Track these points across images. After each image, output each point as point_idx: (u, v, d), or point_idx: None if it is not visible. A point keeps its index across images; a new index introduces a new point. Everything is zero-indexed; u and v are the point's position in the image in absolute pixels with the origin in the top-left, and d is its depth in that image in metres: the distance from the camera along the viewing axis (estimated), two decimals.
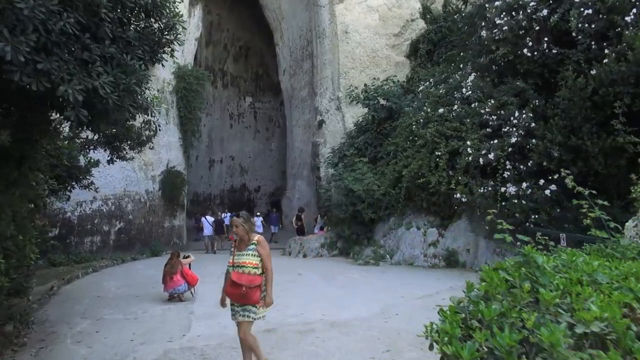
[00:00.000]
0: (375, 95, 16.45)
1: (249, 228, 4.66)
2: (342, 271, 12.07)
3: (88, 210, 15.67)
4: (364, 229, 15.02)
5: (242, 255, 4.59)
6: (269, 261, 4.67)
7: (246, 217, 4.72)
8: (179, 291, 9.01)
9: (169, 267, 9.28)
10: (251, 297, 4.52)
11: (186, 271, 9.34)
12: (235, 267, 4.58)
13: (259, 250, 4.58)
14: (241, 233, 4.60)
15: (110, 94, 3.75)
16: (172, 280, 9.05)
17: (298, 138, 28.95)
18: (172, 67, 21.22)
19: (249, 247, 4.59)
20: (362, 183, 14.62)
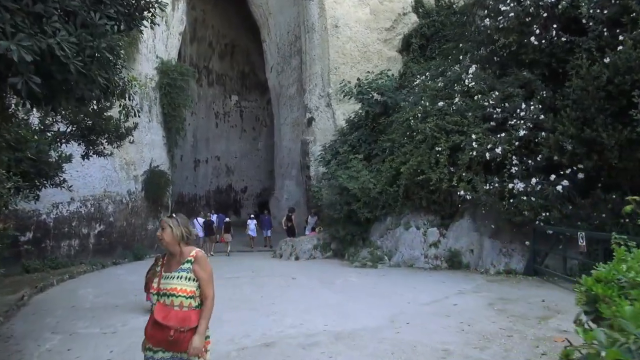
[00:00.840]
0: (369, 89, 15.74)
1: (180, 236, 3.11)
2: (339, 274, 11.32)
3: (65, 212, 14.66)
4: (360, 229, 14.28)
5: (171, 279, 3.09)
6: (211, 287, 3.14)
7: (182, 221, 3.20)
8: None
9: (152, 273, 8.36)
10: (185, 343, 3.00)
11: None
12: (161, 297, 3.09)
13: (197, 272, 3.08)
14: (168, 240, 3.09)
15: (72, 59, 2.93)
16: None
17: (286, 137, 28.16)
18: (155, 62, 20.30)
19: (183, 265, 3.10)
20: (357, 181, 13.89)
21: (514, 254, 10.60)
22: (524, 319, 6.54)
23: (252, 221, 21.45)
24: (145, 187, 18.88)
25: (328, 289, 9.46)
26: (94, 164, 15.92)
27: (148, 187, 18.95)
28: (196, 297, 3.09)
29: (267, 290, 9.46)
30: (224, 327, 6.66)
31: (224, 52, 37.41)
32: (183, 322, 2.99)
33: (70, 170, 15.06)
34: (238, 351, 5.69)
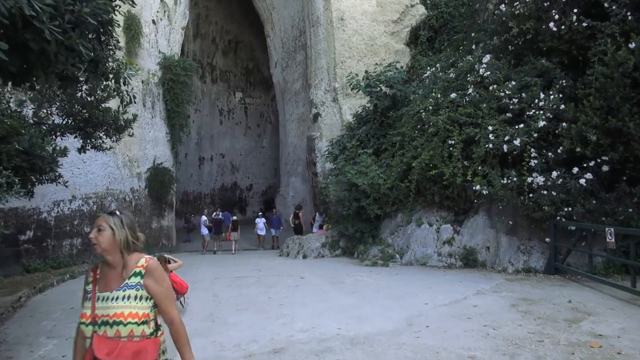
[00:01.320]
0: (377, 82, 15.25)
1: (125, 241, 2.35)
2: (350, 273, 10.87)
3: (66, 210, 14.29)
4: (369, 227, 13.83)
5: (114, 300, 2.31)
6: (173, 306, 2.46)
7: (128, 220, 2.42)
8: None
9: None
10: None
11: (173, 278, 7.99)
12: (100, 326, 2.31)
13: (151, 288, 2.35)
14: (106, 247, 2.33)
15: (48, 24, 2.48)
16: None
17: (292, 133, 27.73)
18: (158, 58, 19.90)
19: (129, 280, 2.35)
20: (366, 177, 13.43)
21: (533, 251, 10.11)
22: (553, 322, 6.06)
23: (260, 220, 20.84)
24: (148, 184, 18.51)
25: (339, 289, 9.01)
26: (96, 161, 15.58)
27: (151, 185, 18.58)
28: (150, 321, 2.34)
29: (275, 291, 9.02)
30: (229, 331, 6.25)
31: (228, 48, 36.99)
32: (137, 357, 2.26)
33: (71, 167, 14.75)
34: (245, 358, 5.26)
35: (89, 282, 2.44)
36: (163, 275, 2.43)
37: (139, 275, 2.37)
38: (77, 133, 7.36)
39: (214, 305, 7.97)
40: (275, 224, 20.53)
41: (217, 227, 19.18)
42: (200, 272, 11.96)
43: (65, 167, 14.44)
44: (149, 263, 2.40)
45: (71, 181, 14.58)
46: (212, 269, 12.69)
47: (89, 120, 6.98)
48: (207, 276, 11.26)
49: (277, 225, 20.50)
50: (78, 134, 7.37)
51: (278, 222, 20.67)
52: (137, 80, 18.05)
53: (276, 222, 20.64)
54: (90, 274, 2.47)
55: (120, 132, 7.90)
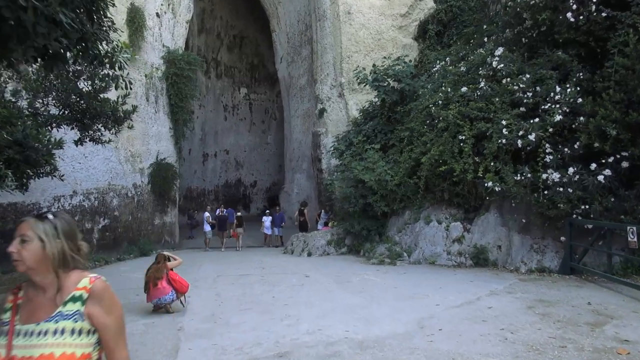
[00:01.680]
0: (385, 76, 14.87)
1: (58, 256, 1.74)
2: (356, 272, 10.54)
3: (67, 205, 14.02)
4: (376, 224, 13.49)
5: (38, 336, 1.67)
6: (123, 345, 1.85)
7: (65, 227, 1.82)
8: (165, 301, 7.34)
9: (152, 272, 7.54)
10: None
11: (173, 276, 7.62)
12: None
13: (96, 318, 1.74)
14: (32, 264, 1.71)
15: None
16: (156, 288, 7.34)
17: (297, 129, 27.39)
18: (162, 51, 19.59)
19: (63, 308, 1.72)
20: (373, 173, 13.09)
21: (547, 250, 9.74)
22: (574, 326, 5.71)
23: (268, 218, 19.97)
24: (151, 180, 18.24)
25: (345, 288, 8.68)
26: (97, 155, 15.31)
27: (154, 181, 18.31)
28: None
29: (279, 290, 8.71)
30: (231, 333, 5.94)
31: (233, 43, 36.66)
32: None
33: (72, 162, 14.49)
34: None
35: (7, 309, 1.76)
36: (113, 301, 1.81)
37: (79, 300, 1.73)
38: (73, 124, 7.05)
39: (215, 304, 7.66)
40: (278, 222, 19.58)
41: (222, 223, 18.85)
42: (202, 269, 11.67)
43: (66, 161, 14.23)
44: (94, 284, 1.76)
45: (72, 176, 14.34)
46: (215, 266, 12.39)
47: (86, 111, 6.67)
48: (210, 274, 10.96)
49: (279, 223, 19.58)
50: (75, 125, 7.06)
51: (281, 220, 19.71)
52: (138, 72, 17.79)
53: (279, 220, 19.66)
54: (9, 297, 1.80)
55: (119, 124, 7.58)
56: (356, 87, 20.81)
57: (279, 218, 19.71)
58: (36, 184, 13.33)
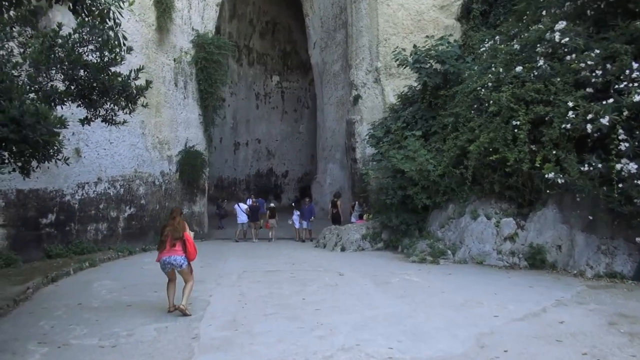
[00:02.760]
0: (427, 57, 13.66)
1: None
2: (395, 271, 9.52)
3: (92, 193, 13.49)
4: (416, 218, 12.40)
5: None
6: None
7: None
8: (175, 265, 6.63)
9: (170, 229, 6.79)
10: None
11: (188, 237, 6.87)
12: None
13: None
14: None
15: None
16: (173, 248, 6.65)
17: (330, 117, 26.38)
18: (191, 35, 18.87)
19: None
20: (413, 162, 11.97)
21: (617, 252, 8.46)
22: None
23: (295, 212, 18.47)
24: (179, 168, 17.62)
25: (385, 291, 7.68)
26: (123, 141, 14.73)
27: (183, 169, 17.68)
28: None
29: (311, 291, 7.79)
30: (254, 346, 5.05)
31: (265, 30, 35.81)
32: None
33: (97, 148, 13.94)
34: None
35: None
36: None
37: None
38: (79, 101, 6.29)
39: (238, 307, 6.80)
40: (307, 215, 17.85)
41: (255, 214, 18.24)
42: (228, 263, 10.88)
43: (91, 147, 13.70)
44: None
45: (97, 162, 13.80)
46: (242, 260, 11.61)
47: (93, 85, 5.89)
48: (235, 269, 10.15)
49: (308, 217, 17.81)
50: (81, 102, 6.30)
51: (310, 213, 17.95)
52: (166, 56, 17.12)
53: (308, 213, 17.90)
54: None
55: (131, 101, 6.77)
56: (393, 71, 19.64)
57: (308, 211, 18.05)
58: (59, 170, 12.85)
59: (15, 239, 11.29)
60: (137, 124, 15.30)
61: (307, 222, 17.71)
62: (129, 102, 6.72)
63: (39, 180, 11.94)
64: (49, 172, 12.22)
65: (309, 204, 18.27)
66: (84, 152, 13.33)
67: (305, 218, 17.64)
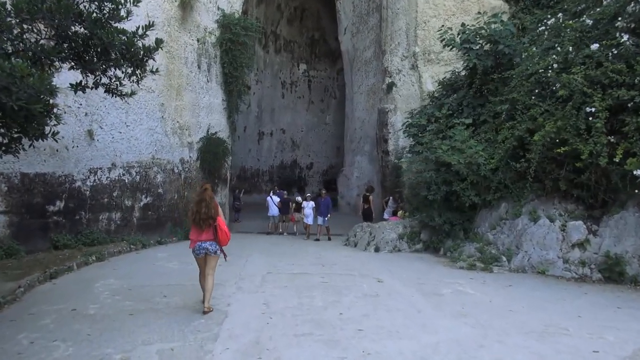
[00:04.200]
0: (477, 37, 12.12)
1: None
2: (443, 279, 8.16)
3: (104, 179, 12.44)
4: (461, 217, 10.97)
5: None
6: None
7: None
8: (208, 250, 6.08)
9: (204, 209, 6.11)
10: None
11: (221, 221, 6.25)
12: None
13: None
14: None
15: None
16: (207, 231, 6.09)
17: (359, 107, 24.98)
18: (216, 15, 17.67)
19: None
20: (461, 154, 10.53)
21: None
22: None
23: (308, 204, 16.20)
24: (200, 155, 16.49)
25: (438, 306, 6.33)
26: (141, 125, 13.65)
27: (204, 156, 16.55)
28: None
29: (348, 302, 6.50)
30: None
31: (293, 16, 34.49)
32: None
33: (111, 130, 12.85)
34: None
35: None
36: None
37: None
38: (72, 62, 5.08)
39: (262, 321, 5.55)
40: (324, 210, 15.51)
41: (285, 207, 17.28)
42: (250, 262, 9.67)
43: (105, 129, 12.64)
44: None
45: (111, 147, 12.74)
46: (265, 259, 10.38)
47: (89, 43, 4.69)
48: (258, 269, 8.93)
49: (325, 212, 15.49)
50: (74, 63, 5.09)
51: (327, 207, 15.58)
52: (190, 35, 15.97)
53: (324, 207, 15.54)
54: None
55: (137, 65, 5.54)
56: (432, 57, 18.15)
57: (325, 205, 15.59)
58: (69, 154, 11.83)
59: (19, 227, 10.30)
60: (156, 106, 14.22)
61: (323, 217, 15.48)
62: (135, 67, 5.49)
63: (47, 164, 10.93)
64: (58, 154, 11.21)
65: (325, 197, 16.05)
66: (98, 134, 12.28)
67: (322, 213, 15.45)
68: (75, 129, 11.61)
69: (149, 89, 13.82)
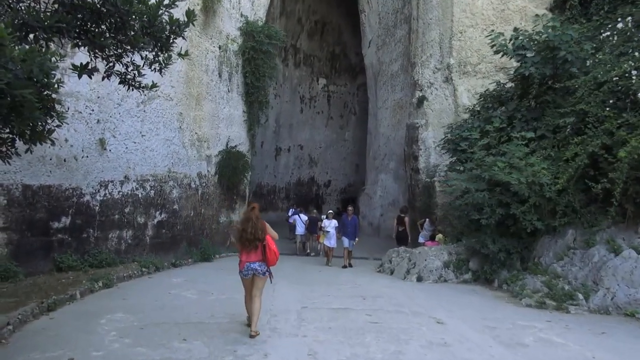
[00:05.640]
0: (533, 42, 10.86)
1: None
2: (515, 321, 6.77)
3: (116, 193, 11.28)
4: (519, 245, 9.58)
5: None
6: None
7: None
8: (259, 269, 5.94)
9: (251, 228, 5.86)
10: None
11: (270, 241, 6.09)
12: None
13: None
14: None
15: None
16: (255, 252, 5.91)
17: (384, 123, 23.77)
18: (239, 21, 16.70)
19: None
20: (520, 173, 9.20)
21: None
22: None
23: (330, 222, 14.10)
24: (219, 170, 15.33)
25: None
26: (157, 135, 12.52)
27: (222, 171, 15.38)
28: None
29: (414, 355, 5.16)
30: None
31: (314, 29, 33.60)
32: None
33: (125, 140, 11.70)
34: None
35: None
36: None
37: None
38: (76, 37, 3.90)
39: None
40: (351, 230, 13.33)
41: (313, 225, 16.35)
42: (278, 294, 8.32)
43: (118, 138, 11.48)
44: None
45: (124, 157, 11.59)
46: (295, 288, 9.06)
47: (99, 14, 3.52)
48: (290, 302, 7.62)
49: (353, 234, 13.34)
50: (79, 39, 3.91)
51: (354, 228, 13.46)
52: (211, 42, 14.95)
53: (352, 227, 13.39)
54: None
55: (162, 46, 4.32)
56: (469, 69, 16.93)
57: (352, 226, 13.46)
58: (78, 164, 10.70)
59: (18, 246, 9.10)
60: (174, 116, 13.11)
61: (349, 240, 13.29)
62: (159, 48, 4.27)
63: (53, 175, 9.78)
64: (65, 165, 10.07)
65: (351, 216, 13.82)
66: (110, 144, 11.14)
67: (349, 235, 13.29)
68: (86, 137, 10.48)
69: (167, 96, 12.76)
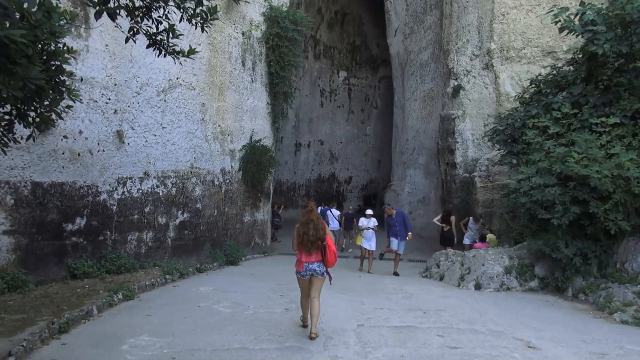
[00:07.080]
0: (606, 17, 9.53)
1: None
2: (622, 344, 5.53)
3: (135, 191, 10.23)
4: (597, 248, 8.31)
5: None
6: None
7: None
8: (318, 270, 5.64)
9: (313, 230, 5.64)
10: None
11: (330, 242, 5.78)
12: None
13: None
14: None
15: None
16: (315, 252, 5.67)
17: (413, 115, 22.50)
18: (263, 6, 15.54)
19: None
20: (599, 165, 7.92)
21: None
22: None
23: (369, 221, 12.19)
24: (243, 165, 14.23)
25: None
26: (179, 127, 11.44)
27: (247, 167, 14.28)
28: None
29: None
30: None
31: (334, 20, 32.32)
32: None
33: (144, 132, 10.64)
34: None
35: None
36: None
37: None
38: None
39: None
40: (401, 228, 11.42)
41: (349, 222, 16.31)
42: (326, 305, 7.10)
43: (137, 131, 10.41)
44: None
45: (144, 152, 10.53)
46: (341, 297, 7.89)
47: None
48: (344, 320, 6.45)
49: (403, 233, 11.44)
50: None
51: (404, 225, 11.52)
52: (234, 28, 13.82)
53: (401, 225, 11.47)
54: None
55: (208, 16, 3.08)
56: (512, 54, 15.65)
57: (401, 222, 11.55)
58: (93, 159, 9.66)
59: (28, 252, 8.06)
60: (197, 106, 12.03)
61: (398, 240, 11.43)
62: None
63: (66, 171, 8.72)
64: (80, 160, 9.01)
65: (399, 217, 11.74)
66: (129, 136, 10.08)
67: (398, 234, 11.42)
68: (102, 129, 9.41)
69: (189, 85, 11.69)
